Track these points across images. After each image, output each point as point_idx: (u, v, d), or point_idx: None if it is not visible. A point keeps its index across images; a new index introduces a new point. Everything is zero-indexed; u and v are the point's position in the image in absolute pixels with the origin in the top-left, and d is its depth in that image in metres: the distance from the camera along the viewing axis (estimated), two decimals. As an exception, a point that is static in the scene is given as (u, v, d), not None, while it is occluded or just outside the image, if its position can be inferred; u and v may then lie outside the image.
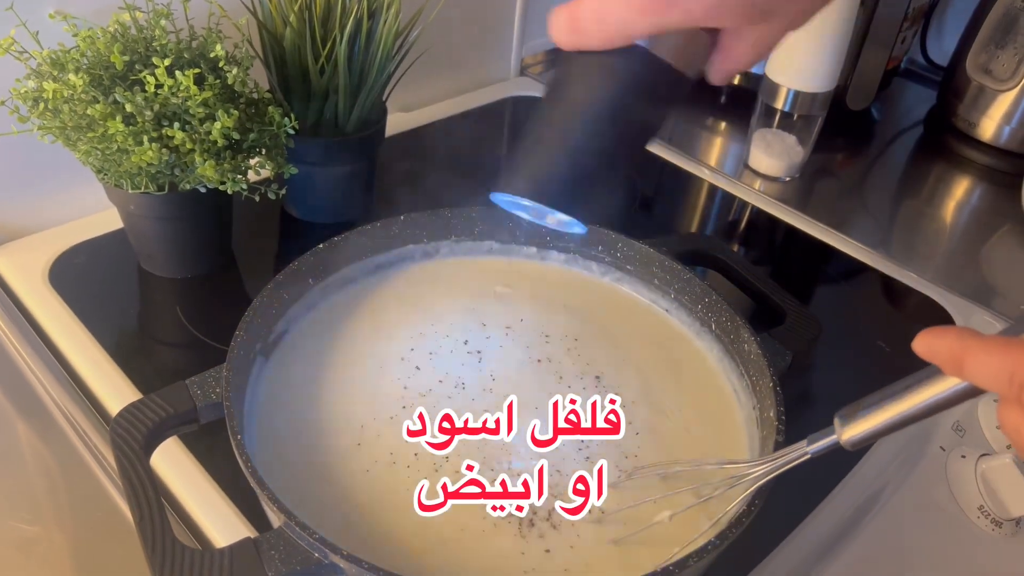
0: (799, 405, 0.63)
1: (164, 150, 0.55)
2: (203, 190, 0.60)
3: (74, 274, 0.68)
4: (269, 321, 0.52)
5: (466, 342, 0.55)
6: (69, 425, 0.56)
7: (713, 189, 0.92)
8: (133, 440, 0.40)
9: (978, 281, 0.81)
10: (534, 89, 1.07)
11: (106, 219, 0.72)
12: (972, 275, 0.82)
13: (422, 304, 0.58)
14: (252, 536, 0.38)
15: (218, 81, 0.58)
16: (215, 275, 0.70)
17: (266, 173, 0.65)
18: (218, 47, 0.58)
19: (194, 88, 0.55)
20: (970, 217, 0.95)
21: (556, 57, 1.14)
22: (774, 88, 0.88)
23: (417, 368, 0.53)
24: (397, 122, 0.93)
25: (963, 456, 0.60)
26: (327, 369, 0.52)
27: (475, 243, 0.63)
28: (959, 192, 0.98)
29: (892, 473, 0.59)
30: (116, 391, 0.58)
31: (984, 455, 0.59)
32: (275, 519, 0.39)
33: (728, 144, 1.04)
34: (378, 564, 0.36)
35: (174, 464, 0.53)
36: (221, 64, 0.59)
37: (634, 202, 0.88)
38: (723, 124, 1.07)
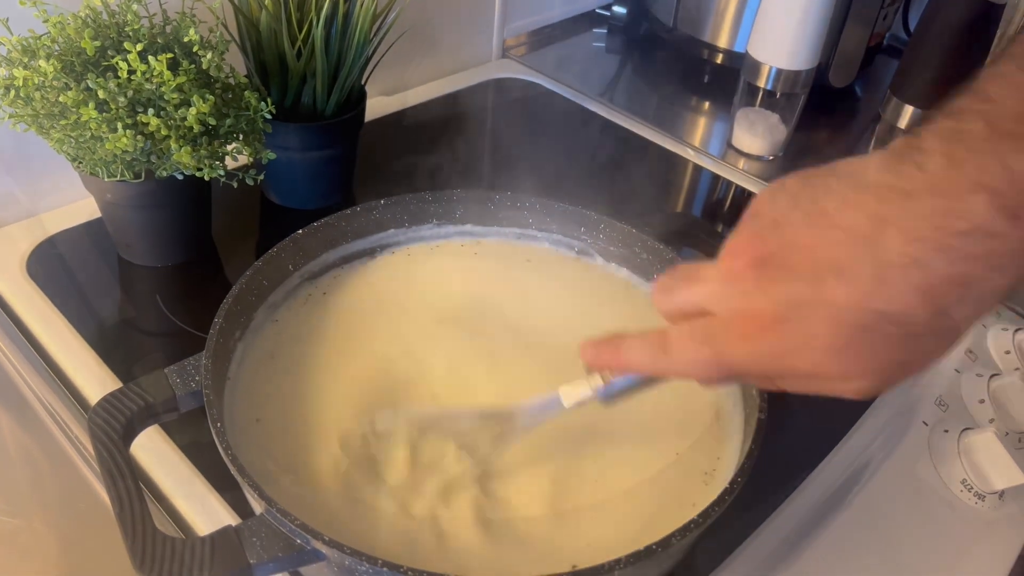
0: (793, 404, 0.64)
1: (139, 137, 0.54)
2: (180, 177, 0.59)
3: (52, 265, 0.67)
4: (249, 308, 0.52)
5: (443, 327, 0.55)
6: (49, 416, 0.56)
7: (697, 169, 0.92)
8: (112, 430, 0.40)
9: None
10: (516, 71, 1.06)
11: (84, 208, 0.71)
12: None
13: (402, 288, 0.58)
14: (234, 524, 0.38)
15: (193, 66, 0.57)
16: (195, 263, 0.69)
17: (244, 159, 0.64)
18: (192, 31, 0.57)
19: (168, 74, 0.54)
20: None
21: (538, 38, 1.14)
22: (756, 66, 0.88)
23: (397, 351, 0.53)
24: (378, 106, 0.92)
25: (946, 431, 0.60)
26: (308, 355, 0.52)
27: (456, 227, 0.62)
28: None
29: (876, 449, 0.59)
30: (97, 381, 0.58)
31: (967, 429, 0.59)
32: (257, 506, 0.39)
33: (711, 123, 1.04)
34: (361, 550, 0.36)
35: (156, 452, 0.52)
36: (195, 49, 0.58)
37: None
38: (706, 104, 1.07)
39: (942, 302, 0.31)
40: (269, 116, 0.61)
